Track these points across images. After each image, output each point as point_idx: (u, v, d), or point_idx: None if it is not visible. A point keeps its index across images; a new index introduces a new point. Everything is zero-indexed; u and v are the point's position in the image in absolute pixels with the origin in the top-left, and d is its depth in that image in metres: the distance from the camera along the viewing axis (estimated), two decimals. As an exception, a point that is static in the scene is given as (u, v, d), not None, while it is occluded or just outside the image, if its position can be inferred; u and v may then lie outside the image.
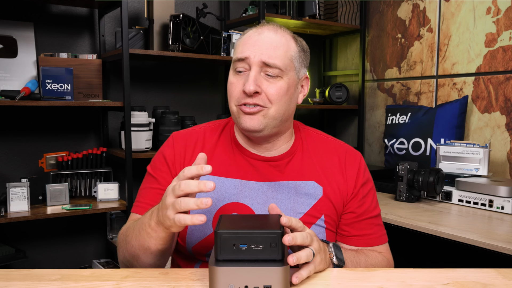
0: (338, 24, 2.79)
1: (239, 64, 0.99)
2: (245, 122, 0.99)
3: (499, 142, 2.21)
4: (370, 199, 1.10)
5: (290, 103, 1.02)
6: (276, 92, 0.98)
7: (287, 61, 0.99)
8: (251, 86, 0.95)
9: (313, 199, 1.05)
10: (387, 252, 1.11)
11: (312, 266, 0.84)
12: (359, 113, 2.94)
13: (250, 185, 1.04)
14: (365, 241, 1.08)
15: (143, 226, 0.90)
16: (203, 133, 1.11)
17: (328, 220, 1.05)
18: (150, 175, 1.09)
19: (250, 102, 0.97)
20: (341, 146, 1.13)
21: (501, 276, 0.87)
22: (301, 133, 1.12)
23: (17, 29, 2.16)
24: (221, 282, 0.75)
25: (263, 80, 0.98)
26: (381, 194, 2.16)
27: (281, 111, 1.00)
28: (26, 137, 2.26)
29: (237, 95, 0.99)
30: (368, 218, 1.09)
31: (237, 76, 1.00)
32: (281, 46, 0.99)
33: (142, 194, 1.08)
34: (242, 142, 1.08)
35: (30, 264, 2.25)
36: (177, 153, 1.07)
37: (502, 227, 1.56)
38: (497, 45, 2.21)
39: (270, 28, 1.01)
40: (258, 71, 0.98)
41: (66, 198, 2.13)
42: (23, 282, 0.82)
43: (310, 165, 1.08)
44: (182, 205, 0.78)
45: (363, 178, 1.09)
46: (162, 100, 2.61)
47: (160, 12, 2.31)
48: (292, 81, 1.01)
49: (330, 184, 1.06)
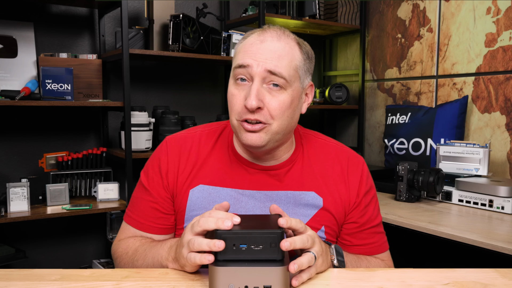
0: (338, 24, 2.79)
1: (240, 71, 0.93)
2: (247, 139, 0.94)
3: (499, 142, 2.21)
4: (372, 207, 1.07)
5: (293, 116, 0.97)
6: (279, 107, 0.92)
7: (292, 72, 0.94)
8: (253, 101, 0.90)
9: (312, 209, 1.02)
10: (388, 260, 1.09)
11: (313, 269, 0.83)
12: (359, 113, 2.94)
13: (247, 195, 1.01)
14: (367, 250, 1.06)
15: (158, 258, 0.91)
16: (198, 137, 1.06)
17: (328, 231, 1.03)
18: (143, 186, 1.06)
19: (251, 118, 0.92)
20: (343, 151, 1.09)
21: (501, 276, 0.87)
22: (302, 139, 1.08)
23: (17, 29, 2.16)
24: (221, 282, 0.75)
25: (266, 94, 0.92)
26: (381, 194, 2.16)
27: (283, 125, 0.95)
28: (26, 137, 2.26)
29: (238, 109, 0.93)
30: (370, 228, 1.06)
31: (238, 86, 0.94)
32: (285, 55, 0.93)
33: (135, 205, 1.07)
34: (240, 150, 1.04)
35: (30, 264, 2.25)
36: (170, 161, 1.04)
37: (502, 227, 1.56)
38: (497, 45, 2.21)
39: (273, 34, 0.94)
40: (260, 83, 0.92)
41: (66, 198, 2.13)
42: (23, 282, 0.82)
43: (311, 174, 1.04)
44: (195, 245, 0.78)
45: (366, 187, 1.06)
46: (162, 100, 2.61)
47: (160, 12, 2.31)
48: (296, 93, 0.96)
49: (331, 194, 1.03)
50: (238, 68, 0.94)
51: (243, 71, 0.93)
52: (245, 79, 0.94)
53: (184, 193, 1.02)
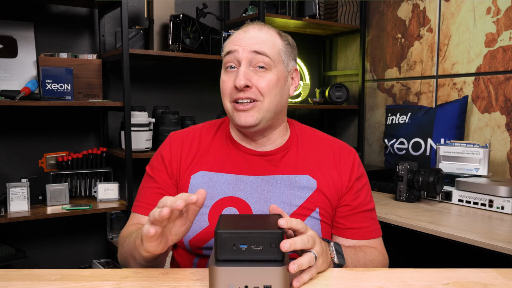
0: (338, 24, 2.79)
1: (228, 58, 1.03)
2: (240, 119, 1.01)
3: (499, 142, 2.21)
4: (365, 193, 1.12)
5: (282, 95, 1.05)
6: (266, 85, 1.01)
7: (275, 54, 1.03)
8: (242, 81, 0.98)
9: (307, 192, 1.06)
10: (381, 247, 1.12)
11: (314, 270, 0.83)
12: (359, 113, 2.94)
13: (245, 180, 1.06)
14: (360, 234, 1.09)
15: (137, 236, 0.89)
16: (199, 132, 1.14)
17: (322, 212, 1.06)
18: (149, 175, 1.12)
19: (242, 96, 1.00)
20: (336, 142, 1.15)
21: (501, 276, 0.87)
22: (296, 130, 1.15)
23: (17, 29, 2.16)
24: (221, 282, 0.75)
25: (253, 75, 1.01)
26: (381, 194, 2.16)
27: (273, 103, 1.03)
28: (26, 137, 2.26)
29: (229, 91, 1.02)
30: (363, 211, 1.10)
31: (228, 73, 1.04)
32: (267, 41, 1.03)
33: (141, 194, 1.11)
34: (237, 138, 1.10)
35: (30, 264, 2.25)
36: (173, 152, 1.10)
37: (502, 227, 1.56)
38: (497, 45, 2.21)
39: (255, 26, 1.05)
40: (247, 65, 1.01)
41: (66, 198, 2.13)
42: (23, 282, 0.82)
43: (305, 159, 1.10)
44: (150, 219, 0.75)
45: (357, 173, 1.11)
46: (162, 100, 2.61)
47: (160, 12, 2.31)
48: (282, 74, 1.04)
49: (325, 178, 1.08)
50: (226, 56, 1.03)
51: (231, 57, 1.02)
52: (234, 66, 1.03)
53: (186, 179, 1.08)
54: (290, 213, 1.04)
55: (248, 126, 1.02)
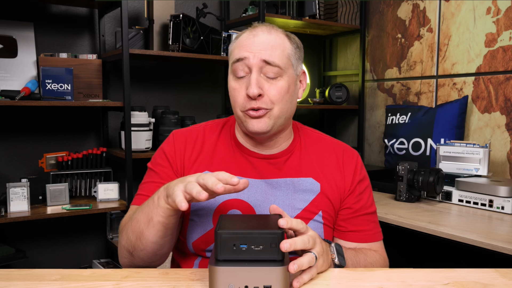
0: (338, 24, 2.79)
1: (238, 66, 1.00)
2: (253, 126, 1.00)
3: (499, 142, 2.21)
4: (367, 196, 1.12)
5: (292, 101, 1.05)
6: (278, 93, 0.99)
7: (285, 60, 1.01)
8: (255, 89, 0.97)
9: (310, 195, 1.06)
10: (382, 250, 1.12)
11: (314, 270, 0.83)
12: (359, 113, 2.94)
13: (250, 183, 1.05)
14: (361, 237, 1.09)
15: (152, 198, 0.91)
16: (202, 131, 1.13)
17: (325, 215, 1.06)
18: (151, 170, 1.10)
19: (254, 106, 0.98)
20: (339, 144, 1.15)
21: (501, 276, 0.87)
22: (299, 132, 1.14)
23: (17, 29, 2.16)
24: (221, 282, 0.75)
25: (264, 82, 0.99)
26: (381, 194, 2.16)
27: (284, 109, 1.02)
28: (26, 137, 2.26)
29: (242, 101, 1.00)
30: (364, 214, 1.10)
31: (238, 81, 1.01)
32: (277, 46, 1.00)
33: (144, 188, 1.09)
34: (242, 141, 1.10)
35: (30, 264, 2.25)
36: (177, 149, 1.09)
37: (502, 227, 1.56)
38: (497, 45, 2.21)
39: (264, 29, 1.02)
40: (258, 72, 0.99)
41: (66, 198, 2.13)
42: (23, 282, 0.82)
43: (308, 162, 1.10)
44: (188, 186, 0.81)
45: (360, 176, 1.12)
46: (162, 100, 2.61)
47: (160, 12, 2.31)
48: (292, 79, 1.03)
49: (328, 181, 1.08)
50: (236, 63, 1.01)
51: (241, 64, 1.00)
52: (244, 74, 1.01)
53: None
54: (294, 216, 1.04)
55: (261, 133, 1.01)
